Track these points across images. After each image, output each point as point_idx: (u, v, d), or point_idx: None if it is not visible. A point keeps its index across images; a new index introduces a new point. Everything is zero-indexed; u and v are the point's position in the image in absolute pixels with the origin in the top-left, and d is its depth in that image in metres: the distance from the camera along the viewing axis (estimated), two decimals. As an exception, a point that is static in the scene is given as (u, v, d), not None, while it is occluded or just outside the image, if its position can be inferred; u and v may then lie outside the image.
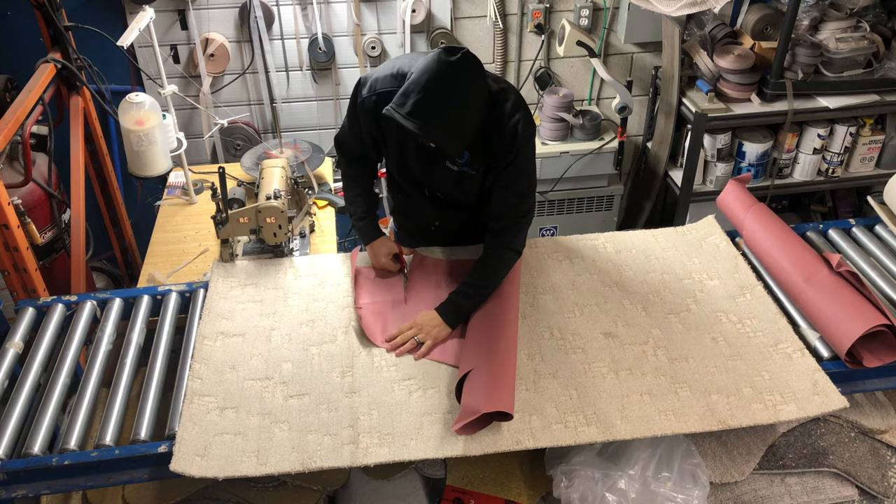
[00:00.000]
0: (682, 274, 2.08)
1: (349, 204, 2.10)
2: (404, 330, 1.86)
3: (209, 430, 1.63)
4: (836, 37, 2.96)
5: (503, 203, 1.89)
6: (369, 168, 2.10)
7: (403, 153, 1.95)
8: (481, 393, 1.63)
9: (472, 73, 1.69)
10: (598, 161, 3.32)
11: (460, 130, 1.71)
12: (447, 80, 1.64)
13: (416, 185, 2.05)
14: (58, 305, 1.98)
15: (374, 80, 1.87)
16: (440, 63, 1.64)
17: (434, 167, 1.94)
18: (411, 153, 1.93)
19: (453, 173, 1.92)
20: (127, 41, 2.38)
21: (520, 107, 1.82)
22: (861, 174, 3.25)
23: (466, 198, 2.00)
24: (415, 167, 1.96)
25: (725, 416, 1.66)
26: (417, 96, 1.65)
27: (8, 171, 2.40)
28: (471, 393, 1.64)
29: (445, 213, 2.10)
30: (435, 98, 1.65)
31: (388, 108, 1.69)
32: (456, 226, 2.14)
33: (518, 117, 1.81)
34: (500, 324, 1.83)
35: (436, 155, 1.90)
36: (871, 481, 1.91)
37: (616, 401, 1.70)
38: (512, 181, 1.87)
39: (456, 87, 1.65)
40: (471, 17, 3.25)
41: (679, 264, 2.12)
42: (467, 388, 1.66)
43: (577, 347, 1.85)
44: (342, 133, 2.03)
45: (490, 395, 1.61)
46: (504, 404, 1.60)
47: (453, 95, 1.66)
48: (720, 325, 1.91)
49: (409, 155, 1.94)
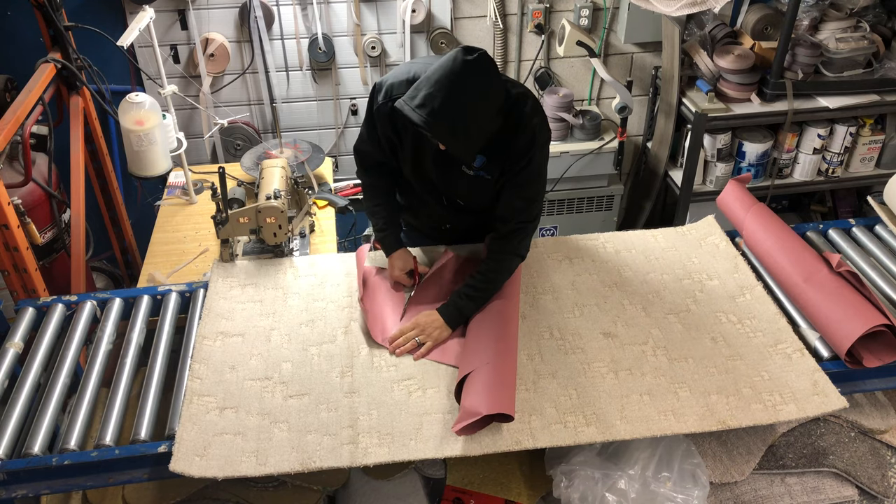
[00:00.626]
0: (681, 274, 2.08)
1: (370, 214, 2.09)
2: (406, 330, 1.87)
3: (209, 430, 1.63)
4: (836, 37, 2.96)
5: (511, 207, 1.89)
6: (389, 176, 2.07)
7: (419, 157, 1.93)
8: (482, 395, 1.62)
9: (487, 75, 1.68)
10: (598, 161, 3.32)
11: (468, 130, 1.69)
12: (460, 77, 1.64)
13: (430, 188, 2.03)
14: (58, 305, 1.98)
15: (389, 87, 1.86)
16: (456, 61, 1.64)
17: (450, 171, 1.92)
18: (428, 157, 1.92)
19: (469, 178, 1.91)
20: (127, 41, 2.38)
21: (538, 112, 1.82)
22: (861, 174, 3.25)
23: (481, 202, 1.98)
24: (430, 171, 1.95)
25: (725, 416, 1.67)
26: (429, 90, 1.65)
27: (8, 171, 2.40)
28: (471, 394, 1.64)
29: (458, 216, 2.09)
30: (446, 93, 1.63)
31: (400, 100, 1.69)
32: (465, 227, 2.15)
33: (536, 122, 1.81)
34: (500, 325, 1.83)
35: (452, 159, 1.89)
36: (871, 481, 1.91)
37: (616, 401, 1.70)
38: (523, 186, 1.87)
39: (468, 85, 1.65)
40: (471, 17, 3.25)
41: (679, 264, 2.12)
42: (467, 389, 1.66)
43: (577, 347, 1.85)
44: (360, 142, 2.03)
45: (491, 396, 1.61)
46: (505, 406, 1.60)
47: (464, 92, 1.65)
48: (720, 325, 1.91)
49: (425, 158, 1.93)
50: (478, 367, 1.69)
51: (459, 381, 1.70)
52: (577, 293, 2.02)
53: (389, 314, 1.96)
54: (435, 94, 1.63)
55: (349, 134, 3.46)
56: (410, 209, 2.19)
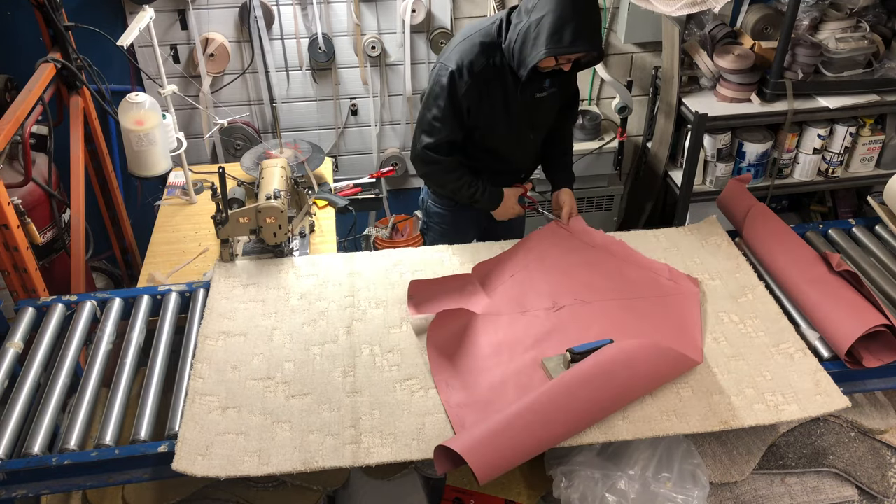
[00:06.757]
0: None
1: (465, 189, 2.26)
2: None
3: (211, 429, 1.63)
4: (836, 37, 2.96)
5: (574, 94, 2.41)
6: (459, 152, 2.25)
7: (508, 103, 2.16)
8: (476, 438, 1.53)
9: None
10: (598, 161, 3.32)
11: (601, 29, 2.04)
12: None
13: (510, 139, 2.27)
14: (58, 305, 1.97)
15: (466, 66, 2.07)
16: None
17: (535, 103, 2.20)
18: (514, 99, 2.15)
19: (545, 98, 2.22)
20: (127, 41, 2.38)
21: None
22: (861, 174, 3.25)
23: (549, 121, 2.34)
24: (516, 113, 2.18)
25: (727, 416, 1.66)
26: (573, 24, 1.90)
27: (8, 171, 2.40)
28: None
29: (527, 157, 2.41)
30: (580, 17, 1.91)
31: (544, 52, 1.93)
32: (531, 165, 2.50)
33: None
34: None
35: (533, 90, 2.17)
36: (871, 481, 1.91)
37: (617, 401, 1.70)
38: (572, 80, 2.35)
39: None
40: (471, 18, 3.25)
41: (680, 264, 2.12)
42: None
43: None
44: (436, 137, 2.16)
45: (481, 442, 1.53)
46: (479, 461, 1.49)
47: (589, 6, 1.94)
48: (722, 325, 1.91)
49: (511, 103, 2.16)
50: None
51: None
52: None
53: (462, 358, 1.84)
54: (577, 25, 1.91)
55: (349, 134, 3.46)
56: (489, 171, 2.35)
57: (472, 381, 1.75)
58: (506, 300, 1.97)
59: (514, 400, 1.65)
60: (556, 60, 2.03)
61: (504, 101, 2.16)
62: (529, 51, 1.99)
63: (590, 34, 1.97)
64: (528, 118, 2.24)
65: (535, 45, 1.97)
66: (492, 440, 1.52)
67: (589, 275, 2.05)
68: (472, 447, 1.49)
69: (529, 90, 2.17)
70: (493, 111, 2.17)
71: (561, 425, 1.58)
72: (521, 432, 1.54)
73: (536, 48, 1.97)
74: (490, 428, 1.54)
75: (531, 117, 2.25)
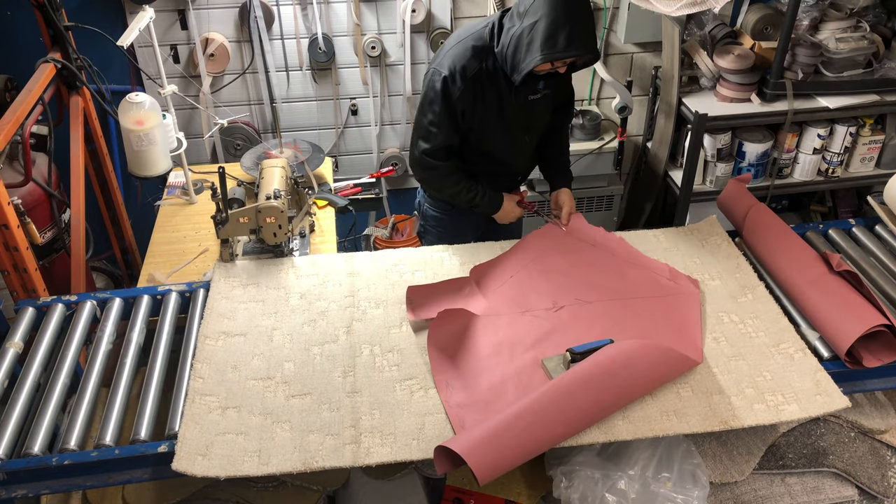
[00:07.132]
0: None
1: (460, 192, 2.26)
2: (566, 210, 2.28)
3: (211, 429, 1.63)
4: (836, 37, 2.96)
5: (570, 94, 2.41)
6: (455, 157, 2.26)
7: (502, 106, 2.15)
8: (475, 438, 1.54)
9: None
10: (598, 161, 3.32)
11: (595, 33, 2.01)
12: (569, 3, 1.90)
13: (505, 142, 2.26)
14: (58, 305, 1.97)
15: (459, 71, 2.06)
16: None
17: (529, 106, 2.20)
18: (508, 102, 2.15)
19: (539, 100, 2.22)
20: (127, 41, 2.38)
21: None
22: (861, 174, 3.25)
23: (544, 121, 2.34)
24: (511, 114, 2.18)
25: (727, 416, 1.66)
26: (567, 28, 1.89)
27: (8, 171, 2.40)
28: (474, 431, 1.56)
29: (523, 159, 2.40)
30: (573, 22, 1.90)
31: (538, 58, 1.92)
32: (528, 167, 2.50)
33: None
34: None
35: (527, 92, 2.17)
36: (871, 481, 1.91)
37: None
38: (568, 81, 2.34)
39: (577, 4, 1.93)
40: (471, 18, 3.24)
41: (680, 264, 2.12)
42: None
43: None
44: (432, 142, 2.16)
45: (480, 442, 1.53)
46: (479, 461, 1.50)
47: (583, 11, 1.94)
48: (722, 325, 1.91)
49: (506, 109, 2.16)
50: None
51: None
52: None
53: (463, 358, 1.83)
54: (571, 29, 1.90)
55: (349, 134, 3.46)
56: (485, 175, 2.35)
57: (472, 381, 1.75)
58: (505, 300, 1.97)
59: (514, 400, 1.65)
60: (551, 64, 2.03)
61: (498, 105, 2.16)
62: (524, 56, 1.98)
63: (584, 37, 1.96)
64: (522, 120, 2.25)
65: (528, 50, 1.96)
66: (492, 440, 1.52)
67: (589, 275, 2.05)
68: (471, 447, 1.49)
69: (523, 93, 2.17)
70: (488, 114, 2.17)
71: (561, 425, 1.58)
72: (521, 433, 1.54)
73: (531, 54, 1.96)
74: (490, 428, 1.54)
75: (525, 119, 2.26)
